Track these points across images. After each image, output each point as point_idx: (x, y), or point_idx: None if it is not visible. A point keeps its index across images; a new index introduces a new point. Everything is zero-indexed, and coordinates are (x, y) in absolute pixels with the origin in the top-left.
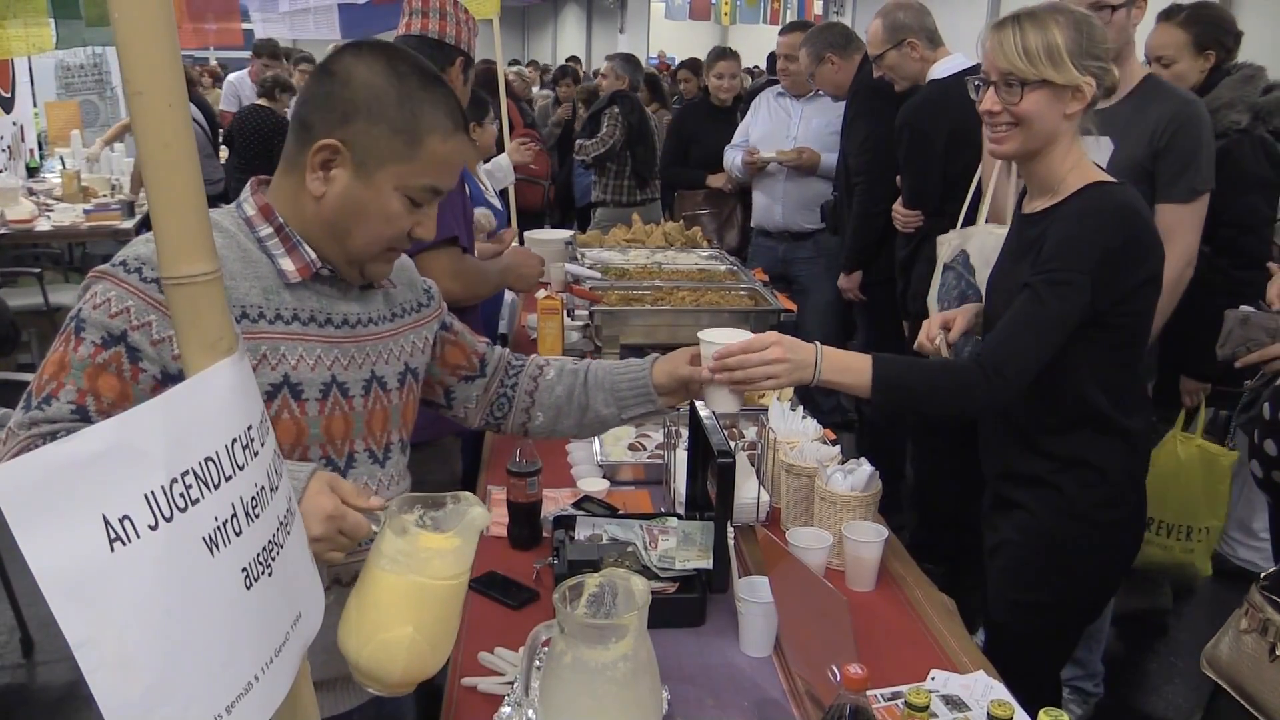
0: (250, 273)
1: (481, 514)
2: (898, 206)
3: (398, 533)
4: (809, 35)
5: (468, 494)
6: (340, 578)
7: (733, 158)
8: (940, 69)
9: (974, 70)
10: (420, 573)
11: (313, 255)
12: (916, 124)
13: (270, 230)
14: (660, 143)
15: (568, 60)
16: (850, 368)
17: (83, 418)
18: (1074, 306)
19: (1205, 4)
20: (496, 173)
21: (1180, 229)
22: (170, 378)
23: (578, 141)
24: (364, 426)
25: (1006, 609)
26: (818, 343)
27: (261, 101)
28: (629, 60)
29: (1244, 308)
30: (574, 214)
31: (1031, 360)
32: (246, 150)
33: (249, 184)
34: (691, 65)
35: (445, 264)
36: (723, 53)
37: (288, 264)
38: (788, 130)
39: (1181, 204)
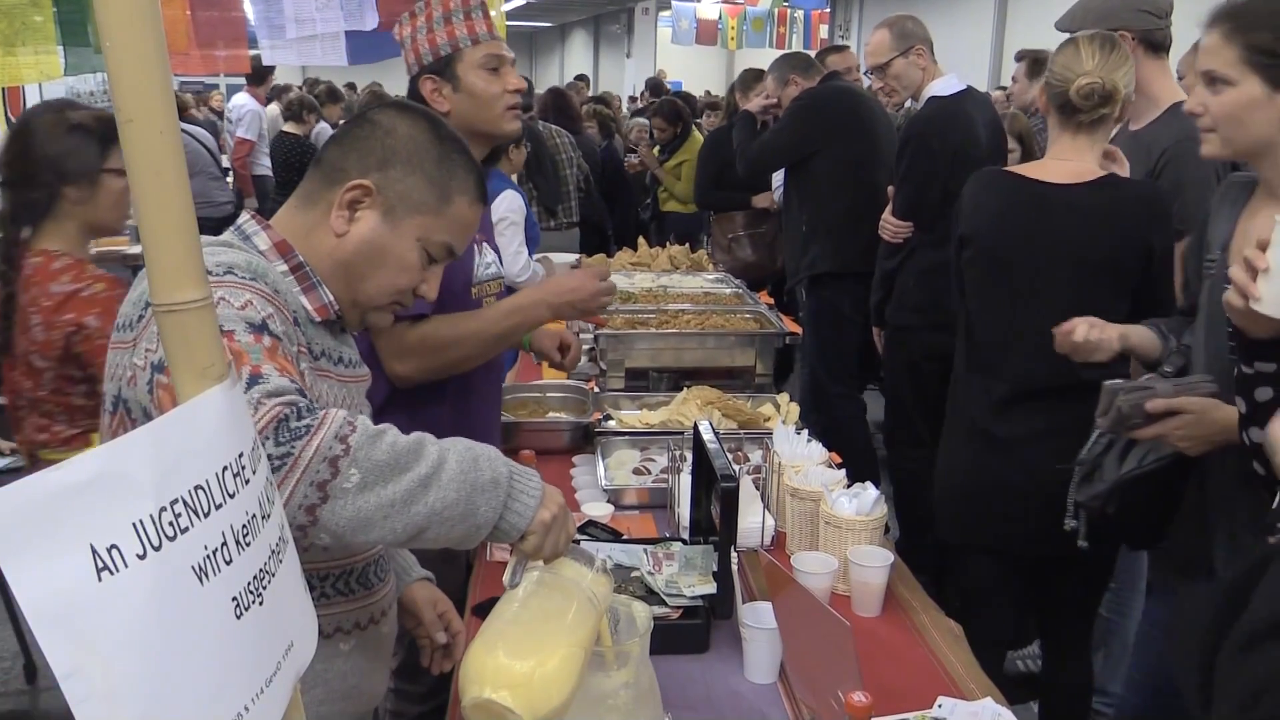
0: (285, 301)
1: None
2: (888, 216)
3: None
4: (775, 61)
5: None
6: (360, 622)
7: None
8: (940, 87)
9: (966, 92)
10: (590, 590)
11: (330, 297)
12: (923, 137)
13: (286, 268)
14: (571, 166)
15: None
16: None
17: (299, 390)
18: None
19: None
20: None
21: None
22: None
23: None
24: None
25: None
26: None
27: (288, 127)
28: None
29: (1117, 381)
30: None
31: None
32: (285, 181)
33: (246, 217)
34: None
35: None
36: (760, 74)
37: (305, 303)
38: None
39: None
